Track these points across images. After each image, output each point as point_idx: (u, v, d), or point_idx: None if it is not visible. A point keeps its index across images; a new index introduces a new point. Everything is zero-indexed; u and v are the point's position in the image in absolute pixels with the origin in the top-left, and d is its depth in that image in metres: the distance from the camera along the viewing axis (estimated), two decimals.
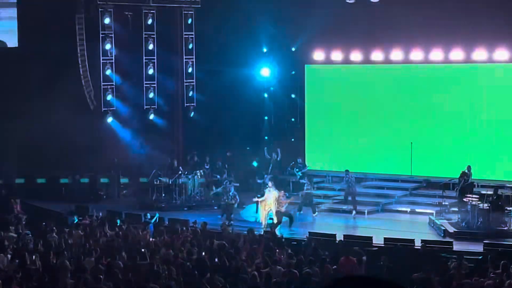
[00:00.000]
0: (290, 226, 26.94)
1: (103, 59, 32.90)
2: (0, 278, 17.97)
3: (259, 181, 31.78)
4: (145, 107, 34.52)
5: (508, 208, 26.28)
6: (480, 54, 30.98)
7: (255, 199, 28.33)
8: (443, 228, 25.88)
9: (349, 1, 31.98)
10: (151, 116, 34.70)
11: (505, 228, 25.57)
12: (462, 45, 31.08)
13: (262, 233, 25.40)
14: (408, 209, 29.95)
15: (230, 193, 29.11)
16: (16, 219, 27.42)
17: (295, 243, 24.10)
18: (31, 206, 30.39)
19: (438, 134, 32.12)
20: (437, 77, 32.23)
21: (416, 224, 27.56)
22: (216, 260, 20.37)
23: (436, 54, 31.82)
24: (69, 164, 32.93)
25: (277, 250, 21.52)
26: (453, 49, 31.39)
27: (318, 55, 34.44)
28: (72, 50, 32.24)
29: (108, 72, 33.02)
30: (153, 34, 34.18)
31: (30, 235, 23.99)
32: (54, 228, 24.42)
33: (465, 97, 31.65)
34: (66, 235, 24.03)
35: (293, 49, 34.98)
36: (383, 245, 23.48)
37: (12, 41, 33.80)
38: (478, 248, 23.04)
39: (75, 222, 26.63)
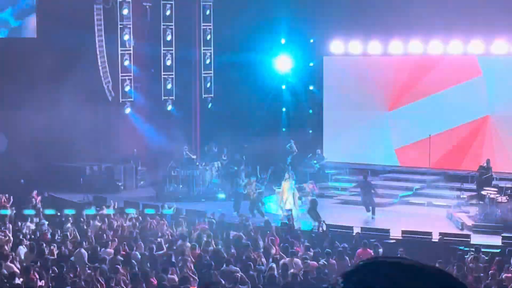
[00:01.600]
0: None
1: (121, 50, 32.95)
2: (19, 268, 18.09)
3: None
4: (163, 98, 34.55)
5: None
6: (499, 45, 30.80)
7: (276, 190, 28.26)
8: (461, 221, 25.77)
9: None
10: (169, 107, 34.74)
11: None
12: (482, 36, 30.88)
13: (279, 224, 25.42)
14: (426, 202, 29.83)
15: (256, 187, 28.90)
16: (34, 210, 27.52)
17: (313, 235, 24.07)
18: (49, 196, 30.48)
19: (457, 127, 31.95)
20: (456, 68, 32.05)
21: (433, 217, 27.45)
22: (233, 251, 20.39)
23: (455, 45, 31.64)
24: (87, 154, 33.02)
25: (294, 242, 21.51)
26: (472, 40, 31.21)
27: (337, 46, 34.32)
28: (91, 41, 32.30)
29: (126, 63, 33.07)
30: (171, 25, 34.19)
31: (48, 226, 24.05)
32: (70, 218, 24.49)
33: (484, 89, 31.46)
34: (84, 225, 24.12)
35: (312, 40, 34.89)
36: (400, 238, 23.41)
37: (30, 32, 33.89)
38: (496, 241, 22.93)
39: (92, 212, 26.69)
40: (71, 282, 16.67)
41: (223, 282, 16.86)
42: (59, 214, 25.94)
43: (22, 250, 20.62)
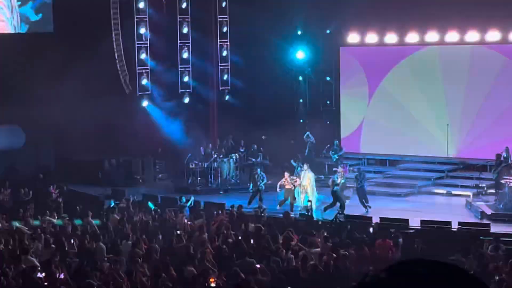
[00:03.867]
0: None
1: (138, 43, 33.02)
2: (39, 262, 18.17)
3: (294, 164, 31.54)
4: (180, 91, 34.60)
5: None
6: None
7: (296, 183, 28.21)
8: (480, 210, 25.70)
9: None
10: (186, 100, 34.79)
11: None
12: (499, 26, 30.74)
13: (298, 215, 25.44)
14: (445, 191, 29.78)
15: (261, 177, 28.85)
16: (54, 204, 27.66)
17: (332, 225, 24.07)
18: (68, 190, 30.62)
19: (475, 116, 31.84)
20: (473, 57, 31.92)
21: (453, 206, 27.40)
22: (252, 243, 20.42)
23: (472, 35, 31.51)
24: (105, 148, 33.13)
25: (314, 233, 21.49)
26: (490, 30, 31.07)
27: (353, 37, 34.24)
28: (107, 35, 32.37)
29: (143, 56, 33.14)
30: (188, 18, 34.20)
31: (68, 219, 24.16)
32: (90, 212, 24.59)
33: (500, 78, 31.31)
34: (103, 218, 24.21)
35: (328, 31, 34.82)
36: (419, 228, 23.37)
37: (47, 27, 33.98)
38: None
39: (111, 206, 26.81)
40: (91, 275, 16.74)
41: (243, 274, 16.87)
42: (80, 207, 26.02)
43: (41, 244, 20.72)
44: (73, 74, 30.83)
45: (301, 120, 35.87)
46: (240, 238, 20.70)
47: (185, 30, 34.18)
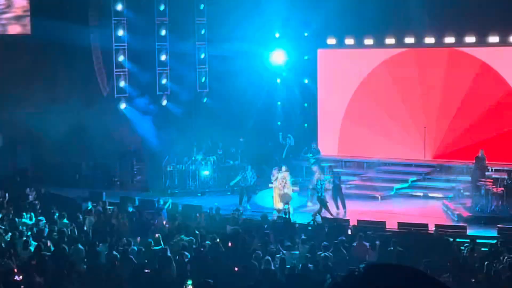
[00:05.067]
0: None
1: (115, 46, 32.94)
2: (17, 265, 18.10)
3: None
4: (158, 93, 34.55)
5: None
6: (493, 37, 30.86)
7: (271, 185, 28.30)
8: (457, 212, 25.86)
9: None
10: (164, 102, 34.74)
11: None
12: (475, 29, 30.95)
13: (275, 218, 25.47)
14: (422, 194, 29.94)
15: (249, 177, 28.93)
16: (30, 206, 27.54)
17: (309, 228, 24.12)
18: (45, 192, 30.50)
19: (451, 118, 32.03)
20: (449, 61, 32.12)
21: (429, 209, 27.54)
22: (230, 245, 20.43)
23: (449, 38, 31.70)
24: (82, 150, 33.04)
25: (291, 236, 21.54)
26: (466, 33, 31.26)
27: (331, 40, 34.35)
28: (85, 37, 32.27)
29: (120, 58, 33.06)
30: (166, 20, 34.16)
31: (45, 222, 24.06)
32: (64, 214, 24.49)
33: (477, 81, 31.51)
34: (80, 221, 24.14)
35: (306, 33, 34.90)
36: (396, 230, 23.47)
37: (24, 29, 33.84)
38: (492, 232, 23.01)
39: (89, 208, 26.72)
40: (69, 278, 16.70)
41: (220, 276, 16.89)
42: (56, 210, 25.92)
43: (19, 247, 20.63)
44: (50, 76, 30.75)
45: (279, 123, 35.92)
46: (217, 240, 20.70)
47: (163, 33, 34.13)
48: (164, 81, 34.50)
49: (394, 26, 32.42)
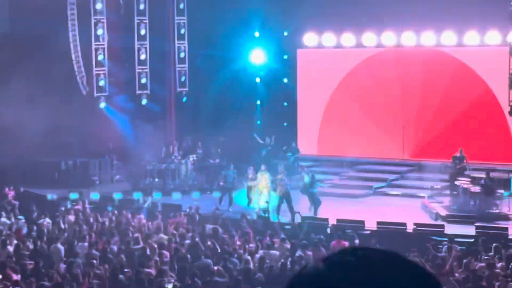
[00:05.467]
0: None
1: (95, 45, 32.87)
2: None
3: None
4: (138, 92, 34.51)
5: (499, 191, 26.43)
6: (472, 37, 31.05)
7: (249, 184, 28.31)
8: (435, 211, 26.00)
9: None
10: (144, 101, 34.71)
11: (497, 211, 25.71)
12: (454, 29, 31.12)
13: (255, 217, 25.52)
14: (400, 193, 30.06)
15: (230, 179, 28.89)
16: (9, 205, 27.44)
17: (288, 227, 24.17)
18: (24, 191, 30.38)
19: (430, 118, 32.20)
20: (429, 60, 32.28)
21: (408, 208, 27.65)
22: (209, 244, 20.46)
23: (428, 37, 31.86)
24: (62, 149, 32.93)
25: (270, 235, 21.60)
26: (445, 32, 31.43)
27: (310, 39, 34.43)
28: (64, 36, 32.18)
29: (100, 57, 33.00)
30: (145, 19, 34.14)
31: (24, 221, 23.99)
32: (46, 213, 24.43)
33: (455, 81, 31.70)
34: (59, 220, 24.07)
35: (285, 33, 34.97)
36: (375, 229, 23.57)
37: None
38: (470, 231, 23.16)
39: (68, 207, 26.64)
40: (48, 277, 16.67)
41: (200, 275, 16.93)
42: (35, 209, 25.86)
43: None
44: (29, 74, 30.62)
45: (258, 122, 35.96)
46: (197, 239, 20.74)
47: (142, 32, 34.10)
48: (143, 80, 34.47)
49: (373, 26, 32.53)
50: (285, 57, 35.47)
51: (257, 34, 35.38)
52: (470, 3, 29.21)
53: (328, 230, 23.27)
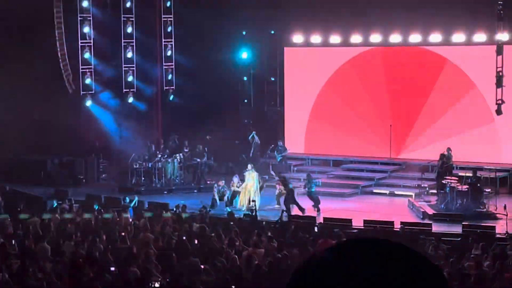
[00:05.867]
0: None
1: (81, 42, 32.74)
2: None
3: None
4: (124, 90, 34.39)
5: (486, 190, 26.47)
6: (459, 36, 31.08)
7: (237, 189, 28.09)
8: (422, 210, 26.01)
9: None
10: (130, 100, 34.59)
11: (484, 210, 25.75)
12: (441, 28, 31.13)
13: (242, 216, 25.46)
14: (388, 192, 30.07)
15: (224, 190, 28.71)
16: None
17: (276, 226, 24.11)
18: (10, 190, 30.24)
19: (417, 117, 32.22)
20: (416, 58, 32.29)
21: (395, 207, 27.67)
22: (196, 243, 20.40)
23: (415, 37, 31.87)
24: (48, 147, 32.79)
25: (258, 233, 21.54)
26: (432, 31, 31.44)
27: (298, 38, 34.39)
28: (50, 34, 32.02)
29: (86, 55, 32.88)
30: (132, 17, 34.03)
31: (9, 220, 23.85)
32: (30, 212, 24.30)
33: (442, 79, 31.72)
34: (46, 219, 23.94)
35: (272, 32, 34.93)
36: (362, 228, 23.56)
37: None
38: (457, 229, 23.17)
39: (54, 206, 26.53)
40: (34, 276, 16.57)
41: (187, 274, 16.85)
42: (21, 208, 25.71)
43: None
44: (15, 73, 30.48)
45: (245, 121, 35.91)
46: (184, 238, 20.65)
47: (129, 30, 33.99)
48: (130, 78, 34.36)
49: (361, 25, 32.52)
50: (272, 55, 35.37)
51: (244, 32, 35.31)
52: (457, 2, 29.26)
53: (316, 229, 23.22)
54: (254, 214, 25.44)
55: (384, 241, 2.00)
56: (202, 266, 17.52)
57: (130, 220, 23.95)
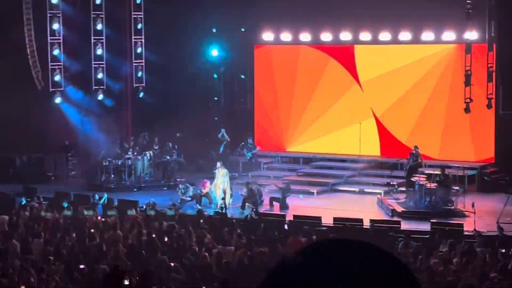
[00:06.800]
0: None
1: (51, 39, 32.56)
2: None
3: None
4: (94, 87, 34.25)
5: (455, 188, 26.67)
6: (427, 35, 31.27)
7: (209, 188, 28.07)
8: (391, 207, 26.16)
9: None
10: (100, 97, 34.44)
11: (452, 207, 25.95)
12: (410, 26, 31.29)
13: (211, 213, 25.47)
14: (357, 189, 30.19)
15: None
16: None
17: (246, 223, 24.13)
18: None
19: (386, 114, 32.37)
20: (386, 56, 32.44)
21: (364, 204, 27.79)
22: (166, 240, 20.38)
23: (384, 35, 32.02)
24: (16, 144, 32.57)
25: (226, 230, 21.57)
26: (401, 29, 31.60)
27: (268, 35, 34.43)
28: (19, 30, 31.83)
29: (56, 52, 32.71)
30: (102, 14, 33.88)
31: None
32: (1, 209, 24.16)
33: (412, 77, 31.90)
34: (14, 216, 23.80)
35: (243, 29, 34.95)
36: (332, 225, 23.64)
37: None
38: (426, 227, 23.33)
39: (23, 203, 26.38)
40: (2, 273, 16.48)
41: (156, 271, 16.83)
42: None
43: None
44: None
45: (215, 118, 35.90)
46: (153, 235, 20.62)
47: (99, 27, 33.85)
48: (100, 75, 34.21)
49: (331, 22, 32.61)
50: (243, 53, 35.38)
51: (214, 30, 35.30)
52: (426, 1, 29.44)
53: (285, 226, 23.28)
54: (224, 211, 25.48)
55: (356, 241, 2.03)
56: (172, 264, 17.50)
57: (99, 217, 23.88)
